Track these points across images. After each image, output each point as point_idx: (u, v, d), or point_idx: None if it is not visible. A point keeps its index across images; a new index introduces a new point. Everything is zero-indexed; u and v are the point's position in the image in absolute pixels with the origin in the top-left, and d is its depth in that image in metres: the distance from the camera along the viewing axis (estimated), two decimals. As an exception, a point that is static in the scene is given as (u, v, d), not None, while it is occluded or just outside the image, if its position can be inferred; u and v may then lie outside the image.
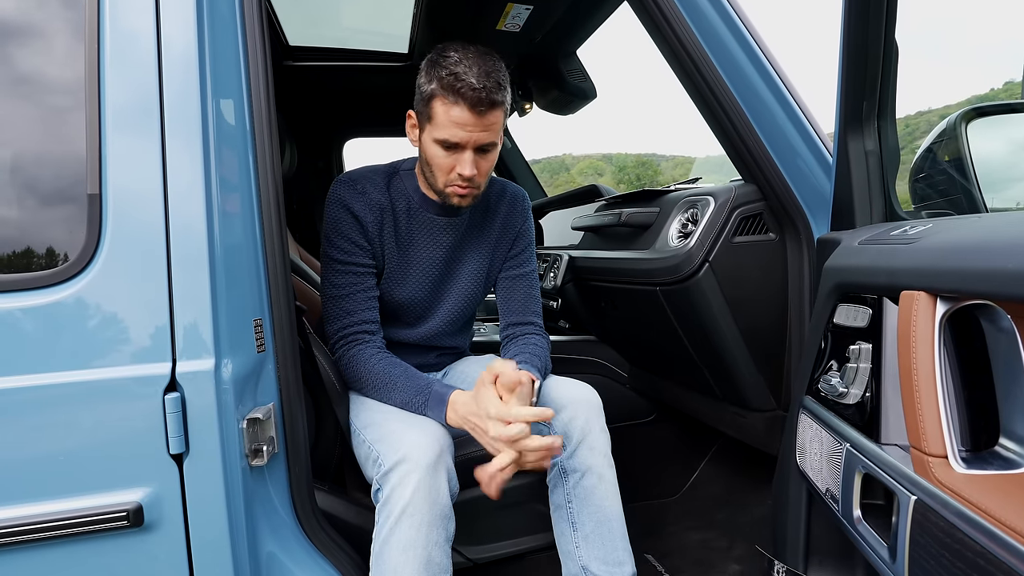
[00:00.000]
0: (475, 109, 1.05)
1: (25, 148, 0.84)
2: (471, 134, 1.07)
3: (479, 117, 1.06)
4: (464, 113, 1.05)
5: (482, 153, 1.12)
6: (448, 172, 1.12)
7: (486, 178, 1.17)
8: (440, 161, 1.12)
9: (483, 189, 1.19)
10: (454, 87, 1.04)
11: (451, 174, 1.12)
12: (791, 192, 1.20)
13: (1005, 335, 0.62)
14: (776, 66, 1.20)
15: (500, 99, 1.06)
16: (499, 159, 1.80)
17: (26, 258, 0.83)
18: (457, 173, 1.11)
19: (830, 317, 0.97)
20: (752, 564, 1.52)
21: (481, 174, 1.14)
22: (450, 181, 1.13)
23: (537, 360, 1.22)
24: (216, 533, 0.85)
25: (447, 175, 1.12)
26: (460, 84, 1.03)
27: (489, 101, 1.05)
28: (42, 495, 0.80)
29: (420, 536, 0.96)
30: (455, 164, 1.10)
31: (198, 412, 0.83)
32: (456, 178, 1.12)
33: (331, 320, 1.20)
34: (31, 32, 0.84)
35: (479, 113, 1.05)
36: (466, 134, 1.07)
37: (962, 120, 1.06)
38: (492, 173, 1.32)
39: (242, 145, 0.91)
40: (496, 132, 1.10)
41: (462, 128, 1.06)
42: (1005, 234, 0.63)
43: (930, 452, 0.64)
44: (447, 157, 1.11)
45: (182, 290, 0.84)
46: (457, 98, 1.04)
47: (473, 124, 1.06)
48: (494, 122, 1.08)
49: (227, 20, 0.90)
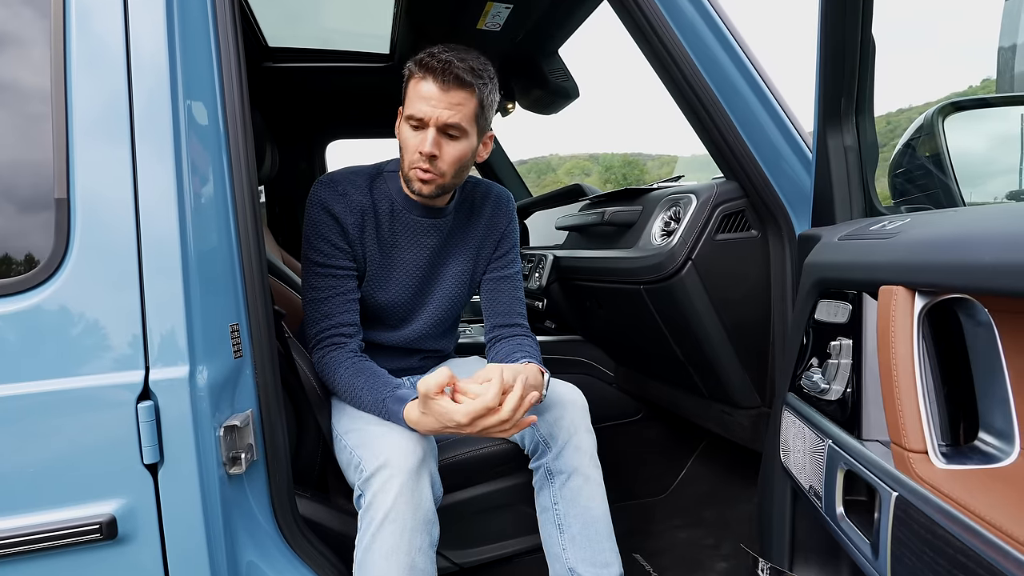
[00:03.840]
0: (440, 82, 1.05)
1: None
2: (435, 109, 1.06)
3: (443, 92, 1.06)
4: (430, 87, 1.06)
5: (448, 137, 1.10)
6: (413, 152, 1.11)
7: (452, 169, 1.13)
8: (407, 141, 1.12)
9: (449, 181, 1.15)
10: (424, 62, 1.06)
11: (415, 154, 1.11)
12: (772, 189, 1.20)
13: (983, 329, 0.62)
14: (756, 63, 1.20)
15: (468, 80, 1.06)
16: (484, 160, 1.78)
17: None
18: (418, 152, 1.09)
19: (811, 313, 0.97)
20: (740, 562, 1.53)
21: (445, 160, 1.11)
22: (413, 162, 1.12)
23: (536, 358, 1.22)
24: (193, 544, 0.84)
25: (411, 155, 1.12)
26: (431, 59, 1.06)
27: (455, 76, 1.05)
28: (11, 509, 0.78)
29: (403, 542, 0.95)
30: (420, 143, 1.09)
31: (173, 420, 0.81)
32: (418, 158, 1.10)
33: (310, 323, 1.19)
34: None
35: (443, 87, 1.06)
36: (430, 108, 1.07)
37: (939, 115, 1.07)
38: (476, 174, 1.31)
39: (216, 147, 0.90)
40: (462, 115, 1.08)
41: (426, 102, 1.07)
42: (980, 228, 0.63)
43: (910, 448, 0.64)
44: (414, 136, 1.10)
45: (155, 295, 0.82)
46: (425, 72, 1.06)
47: (438, 99, 1.06)
48: (459, 103, 1.07)
49: (198, 20, 0.89)
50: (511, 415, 0.94)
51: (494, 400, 0.93)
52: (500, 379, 0.94)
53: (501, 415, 0.94)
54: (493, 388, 0.93)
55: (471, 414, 0.93)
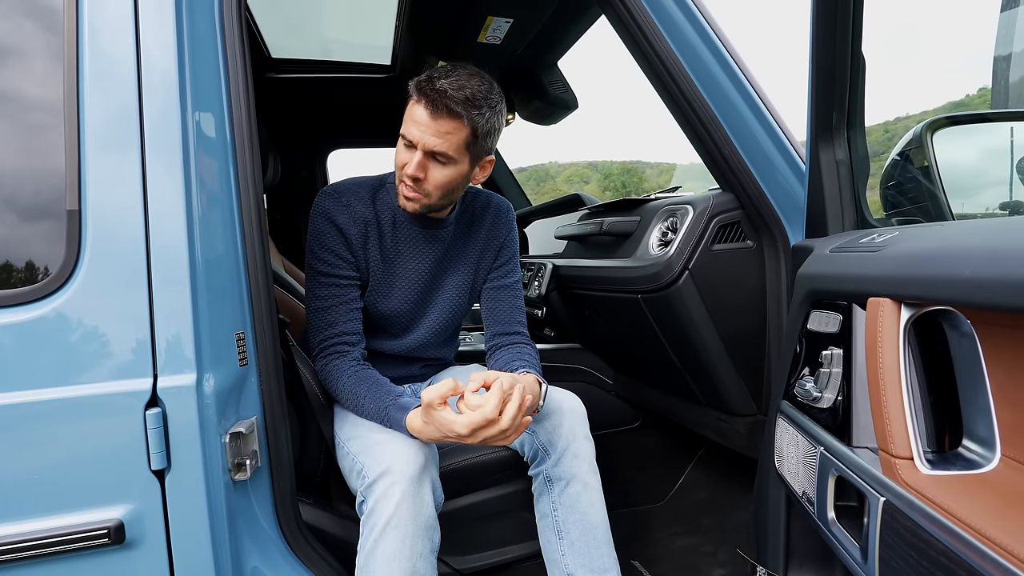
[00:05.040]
0: (431, 109, 1.06)
1: (3, 165, 0.84)
2: (423, 135, 1.08)
3: (433, 120, 1.07)
4: (422, 112, 1.07)
5: (436, 162, 1.11)
6: (400, 168, 1.14)
7: (438, 192, 1.15)
8: (398, 157, 1.15)
9: (436, 202, 1.16)
10: (422, 86, 1.07)
11: (402, 172, 1.14)
12: (767, 200, 1.23)
13: (966, 340, 0.65)
14: (750, 77, 1.23)
15: (458, 111, 1.06)
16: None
17: (5, 274, 0.82)
18: (404, 172, 1.13)
19: (804, 323, 0.99)
20: (737, 568, 1.54)
21: (430, 183, 1.13)
22: (400, 177, 1.15)
23: (535, 367, 1.24)
24: (199, 549, 0.85)
25: (400, 172, 1.15)
26: (428, 85, 1.07)
27: (446, 106, 1.06)
28: (22, 514, 0.79)
29: (405, 547, 0.97)
30: (407, 162, 1.12)
31: (180, 427, 0.83)
32: (404, 176, 1.13)
33: (313, 332, 1.21)
34: (12, 52, 0.84)
35: (433, 115, 1.07)
36: (419, 133, 1.09)
37: (927, 130, 1.10)
38: (479, 186, 1.33)
39: (223, 158, 0.92)
40: (450, 143, 1.09)
41: (417, 127, 1.09)
42: (963, 243, 0.66)
43: (896, 454, 0.66)
44: (404, 154, 1.13)
45: (163, 305, 0.84)
46: (420, 97, 1.08)
47: (427, 125, 1.08)
48: (448, 131, 1.08)
49: (207, 36, 0.91)
50: (510, 424, 0.96)
51: (494, 412, 0.95)
52: (500, 389, 0.96)
53: (501, 425, 0.96)
54: (492, 400, 0.95)
55: (471, 425, 0.95)
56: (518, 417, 0.97)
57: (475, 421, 0.95)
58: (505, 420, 0.96)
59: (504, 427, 0.96)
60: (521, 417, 0.98)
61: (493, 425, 0.96)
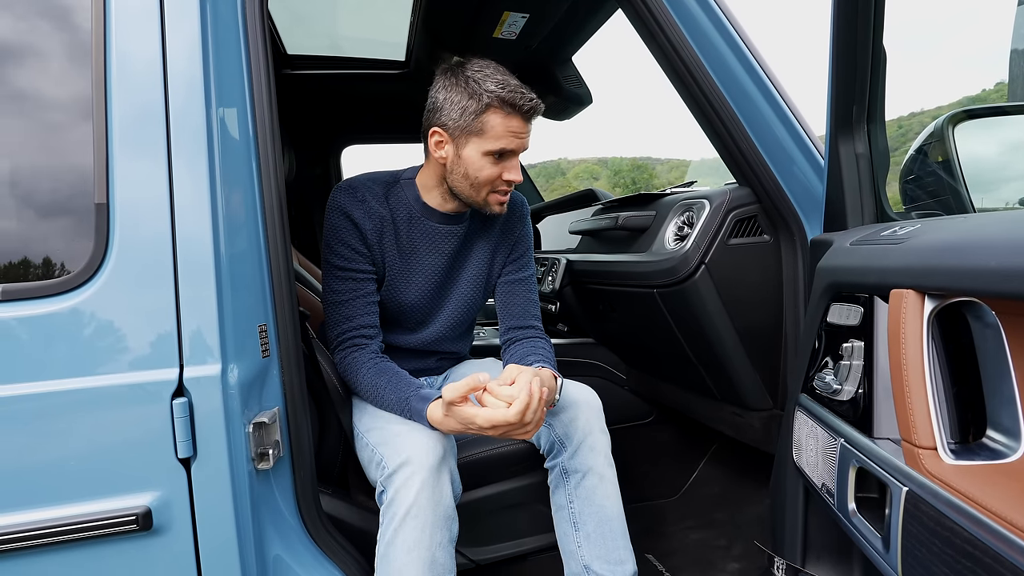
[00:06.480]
0: (527, 118, 1.14)
1: (35, 161, 0.86)
2: (523, 140, 1.16)
3: (527, 124, 1.15)
4: (520, 123, 1.13)
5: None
6: (495, 180, 1.17)
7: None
8: (489, 172, 1.16)
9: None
10: (512, 100, 1.11)
11: (498, 182, 1.17)
12: (784, 194, 1.22)
13: (991, 330, 0.64)
14: (768, 70, 1.23)
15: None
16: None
17: (35, 267, 0.84)
18: (505, 180, 1.17)
19: (823, 316, 0.99)
20: (752, 563, 1.54)
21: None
22: (496, 187, 1.18)
23: (550, 361, 1.25)
24: (224, 536, 0.87)
25: (493, 183, 1.17)
26: (517, 96, 1.11)
27: (540, 110, 1.15)
28: (53, 500, 0.81)
29: (424, 537, 0.98)
30: (502, 171, 1.16)
31: (205, 417, 0.85)
32: (502, 184, 1.18)
33: (331, 325, 1.22)
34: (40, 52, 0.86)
35: (528, 121, 1.15)
36: (520, 141, 1.15)
37: (949, 123, 1.09)
38: None
39: (245, 154, 0.93)
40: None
41: (516, 136, 1.14)
42: (988, 233, 0.65)
43: (920, 444, 0.66)
44: (495, 166, 1.16)
45: (188, 297, 0.85)
46: (514, 110, 1.11)
47: (525, 132, 1.15)
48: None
49: (230, 33, 0.92)
50: (531, 419, 0.99)
51: (516, 418, 0.97)
52: (527, 395, 0.98)
53: (523, 427, 0.99)
54: (516, 407, 0.97)
55: (492, 421, 0.97)
56: (537, 412, 0.98)
57: (496, 420, 0.97)
58: (525, 415, 0.97)
59: (524, 422, 0.97)
60: (540, 412, 0.99)
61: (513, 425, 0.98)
